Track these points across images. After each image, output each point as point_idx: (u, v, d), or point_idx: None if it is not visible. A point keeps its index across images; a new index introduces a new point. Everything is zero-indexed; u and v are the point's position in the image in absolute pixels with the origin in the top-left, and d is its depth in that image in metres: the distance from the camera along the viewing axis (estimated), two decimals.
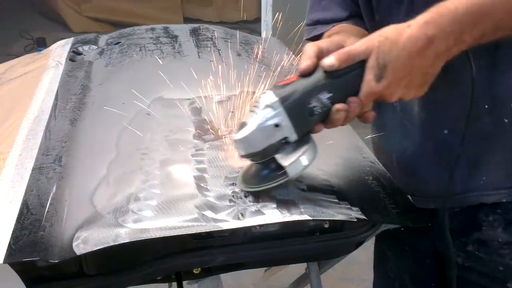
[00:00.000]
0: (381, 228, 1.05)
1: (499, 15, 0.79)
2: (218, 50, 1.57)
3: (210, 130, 1.13)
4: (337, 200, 0.94)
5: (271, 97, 0.83)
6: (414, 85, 0.83)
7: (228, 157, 1.04)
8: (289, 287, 2.15)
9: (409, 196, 1.02)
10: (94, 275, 0.92)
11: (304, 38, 1.26)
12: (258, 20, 3.76)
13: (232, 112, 1.21)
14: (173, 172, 1.00)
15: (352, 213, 0.91)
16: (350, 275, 2.44)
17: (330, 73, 0.82)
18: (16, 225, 0.88)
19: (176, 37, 1.66)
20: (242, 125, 0.86)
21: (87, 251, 0.83)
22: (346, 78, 0.83)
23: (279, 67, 1.50)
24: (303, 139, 0.87)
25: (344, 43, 0.89)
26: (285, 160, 0.86)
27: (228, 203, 0.91)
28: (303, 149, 0.87)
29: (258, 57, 1.57)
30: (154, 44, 1.60)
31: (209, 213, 0.89)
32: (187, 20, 5.30)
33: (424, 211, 1.03)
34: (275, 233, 0.96)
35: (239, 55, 1.57)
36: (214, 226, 0.87)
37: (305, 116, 0.83)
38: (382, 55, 0.80)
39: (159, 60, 1.47)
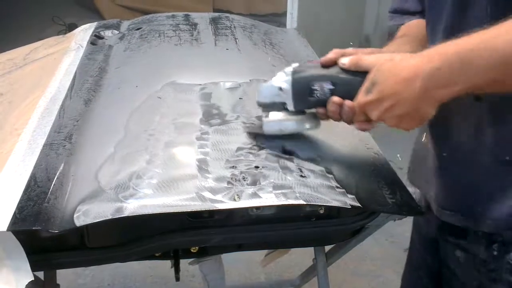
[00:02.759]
0: (380, 219, 1.06)
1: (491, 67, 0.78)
2: (236, 39, 1.59)
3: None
4: (334, 187, 0.95)
5: (289, 67, 0.97)
6: (404, 116, 0.86)
7: (232, 142, 1.06)
8: (298, 278, 2.18)
9: (410, 189, 1.03)
10: (94, 248, 0.96)
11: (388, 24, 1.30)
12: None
13: (241, 98, 1.23)
14: (177, 154, 1.03)
15: (347, 200, 0.92)
16: (362, 270, 2.43)
17: (341, 70, 0.92)
18: (22, 196, 0.92)
19: (195, 24, 1.68)
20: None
21: (87, 223, 0.86)
22: (349, 80, 0.91)
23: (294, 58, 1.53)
24: (304, 115, 1.00)
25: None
26: (272, 116, 1.01)
27: (226, 185, 0.93)
28: (293, 118, 1.00)
29: (274, 47, 1.59)
30: (173, 31, 1.62)
31: (206, 194, 0.91)
32: (217, 11, 5.33)
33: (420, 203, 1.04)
34: (272, 216, 0.98)
35: (255, 44, 1.59)
36: (210, 206, 0.89)
37: (305, 93, 0.95)
38: (377, 73, 0.86)
39: (175, 46, 1.50)
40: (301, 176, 0.97)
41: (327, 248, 1.56)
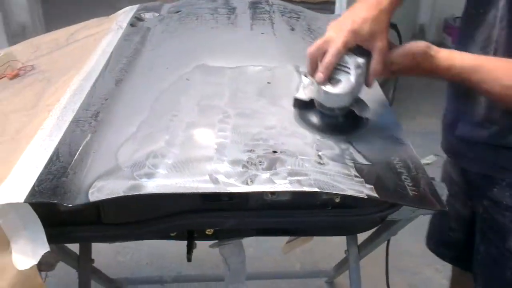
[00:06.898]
0: (406, 213, 1.02)
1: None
2: (272, 23, 1.57)
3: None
4: (352, 176, 0.92)
5: (359, 59, 0.97)
6: None
7: (253, 125, 1.04)
8: (333, 269, 2.15)
9: (432, 181, 0.98)
10: (109, 224, 0.97)
11: None
12: None
13: (269, 83, 1.22)
14: (196, 135, 1.02)
15: (364, 190, 0.89)
16: (400, 266, 2.37)
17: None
18: (43, 169, 0.94)
19: (234, 8, 1.67)
20: (336, 81, 0.98)
21: (100, 199, 0.87)
22: None
23: None
24: None
25: None
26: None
27: (241, 169, 0.92)
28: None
29: (312, 33, 1.56)
30: (211, 14, 1.62)
31: (220, 177, 0.90)
32: None
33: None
34: (287, 202, 0.96)
35: (292, 29, 1.56)
36: (222, 189, 0.88)
37: None
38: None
39: (211, 29, 1.50)
40: (320, 163, 0.94)
41: (360, 240, 1.53)
